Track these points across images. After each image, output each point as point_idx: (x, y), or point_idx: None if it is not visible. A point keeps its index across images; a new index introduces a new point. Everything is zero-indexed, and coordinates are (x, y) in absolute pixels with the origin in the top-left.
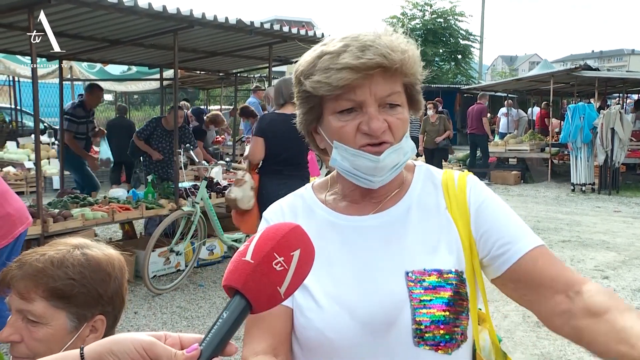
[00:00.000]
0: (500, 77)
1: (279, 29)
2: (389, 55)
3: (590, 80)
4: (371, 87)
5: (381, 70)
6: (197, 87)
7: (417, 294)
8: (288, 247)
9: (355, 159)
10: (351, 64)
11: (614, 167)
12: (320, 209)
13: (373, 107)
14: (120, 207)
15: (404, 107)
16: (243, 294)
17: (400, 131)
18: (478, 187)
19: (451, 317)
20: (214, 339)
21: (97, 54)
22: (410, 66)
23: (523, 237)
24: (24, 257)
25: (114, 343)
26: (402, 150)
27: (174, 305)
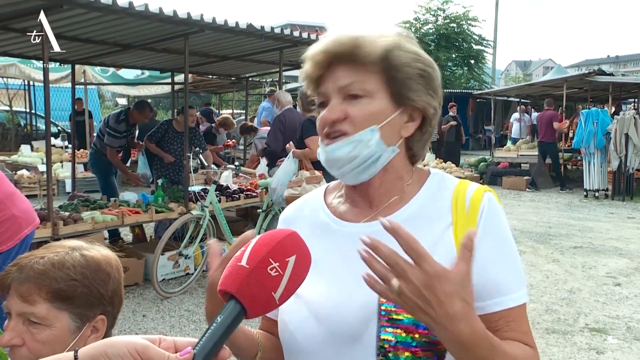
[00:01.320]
0: (514, 82)
1: (289, 34)
2: (336, 43)
3: (604, 86)
4: (333, 79)
5: (336, 59)
6: (209, 92)
7: (388, 311)
8: (283, 253)
9: (320, 151)
10: (311, 54)
11: (628, 173)
12: (323, 212)
13: (335, 98)
14: (130, 210)
15: (375, 99)
16: (238, 298)
17: (362, 122)
18: (492, 210)
19: (421, 340)
20: (207, 343)
21: (109, 58)
22: (366, 54)
23: (507, 291)
24: (22, 260)
25: (108, 346)
26: (360, 144)
27: (183, 308)
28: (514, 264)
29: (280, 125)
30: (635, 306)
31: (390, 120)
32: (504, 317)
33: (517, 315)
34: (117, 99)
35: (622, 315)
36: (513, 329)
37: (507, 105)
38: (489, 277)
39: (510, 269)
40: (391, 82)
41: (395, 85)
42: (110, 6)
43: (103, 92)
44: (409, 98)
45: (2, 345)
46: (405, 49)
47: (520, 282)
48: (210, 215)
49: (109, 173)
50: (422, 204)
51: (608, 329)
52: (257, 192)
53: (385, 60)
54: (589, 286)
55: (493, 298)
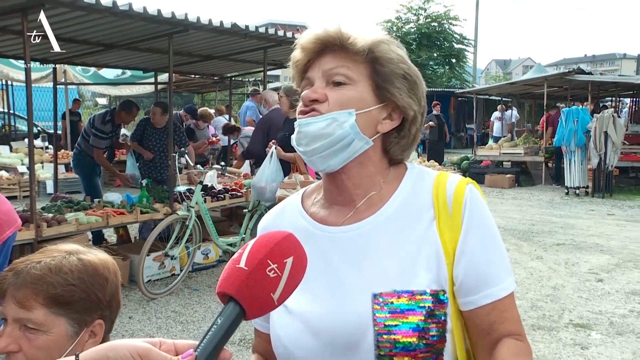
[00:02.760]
0: (494, 80)
1: (273, 33)
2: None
3: (583, 84)
4: (320, 64)
5: (331, 49)
6: (192, 91)
7: (382, 318)
8: (281, 255)
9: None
10: (301, 42)
11: (607, 170)
12: (302, 217)
13: (318, 81)
14: (115, 211)
15: (356, 86)
16: (237, 300)
17: (340, 104)
18: (475, 201)
19: (420, 342)
20: (208, 345)
21: (91, 58)
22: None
23: (495, 282)
24: (18, 265)
25: (109, 349)
26: (334, 122)
27: (169, 309)
28: (500, 254)
29: (264, 126)
30: (617, 301)
31: (369, 112)
32: (496, 308)
33: (508, 305)
34: (97, 98)
35: (605, 311)
36: (506, 319)
37: (488, 103)
38: (478, 271)
39: (497, 260)
40: (375, 75)
41: (379, 78)
42: (94, 5)
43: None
44: (391, 93)
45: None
46: (393, 47)
47: (507, 271)
48: (196, 215)
49: (93, 174)
50: (402, 202)
51: (592, 324)
52: (242, 192)
53: (371, 51)
54: (572, 282)
55: (483, 291)
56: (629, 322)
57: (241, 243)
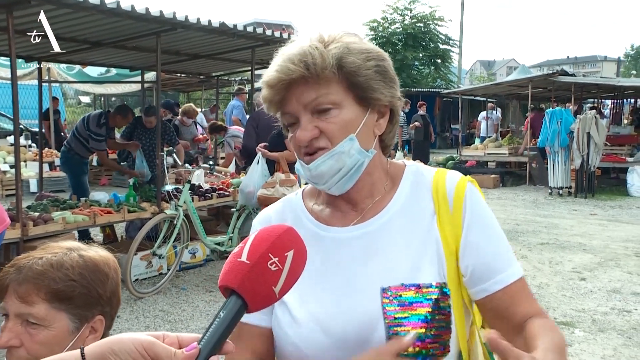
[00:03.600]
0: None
1: (262, 32)
2: (286, 68)
3: (567, 86)
4: (296, 97)
5: (300, 77)
6: (178, 90)
7: (392, 311)
8: (282, 248)
9: (301, 168)
10: (267, 81)
11: (590, 171)
12: (307, 219)
13: (305, 117)
14: (102, 210)
15: (344, 108)
16: (239, 294)
17: (337, 135)
18: (475, 198)
19: (428, 333)
20: (211, 338)
21: (77, 56)
22: (321, 68)
23: (505, 267)
24: (20, 261)
25: (114, 343)
26: (342, 155)
27: (157, 308)
28: (504, 244)
29: (253, 122)
30: (599, 299)
31: (364, 124)
32: (506, 292)
33: (520, 288)
34: (80, 97)
35: (588, 309)
36: (519, 301)
37: (473, 104)
38: (485, 260)
39: (502, 249)
40: (353, 88)
41: (358, 90)
42: (81, 3)
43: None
44: (375, 98)
45: (0, 347)
46: (355, 51)
47: (512, 258)
48: (184, 214)
49: (81, 173)
50: (404, 201)
51: (575, 322)
52: (229, 191)
53: (340, 69)
54: (556, 281)
55: (493, 277)
56: (610, 320)
57: (229, 242)
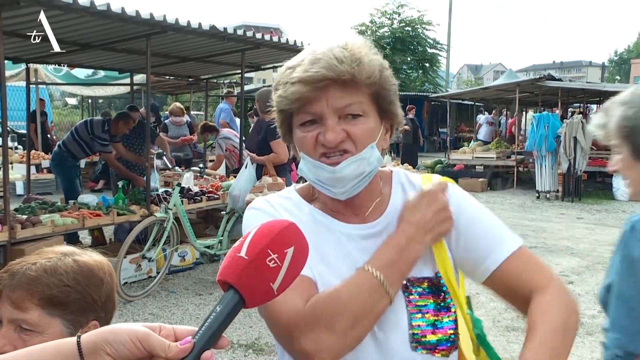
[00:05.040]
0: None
1: (251, 36)
2: (336, 67)
3: (553, 90)
4: (328, 99)
5: (333, 82)
6: (166, 92)
7: (413, 299)
8: (282, 244)
9: (316, 169)
10: (301, 78)
11: (577, 174)
12: (311, 210)
13: (331, 119)
14: (91, 213)
15: (370, 117)
16: (237, 289)
17: (363, 141)
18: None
19: (444, 320)
20: (206, 332)
21: (66, 58)
22: (366, 76)
23: (499, 244)
24: (14, 266)
25: (109, 333)
26: (364, 161)
27: (146, 312)
28: (494, 221)
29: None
30: (587, 303)
31: (380, 136)
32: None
33: (519, 260)
34: (67, 98)
35: None
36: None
37: (461, 108)
38: (478, 244)
39: (493, 226)
40: (380, 100)
41: (384, 103)
42: (71, 5)
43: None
44: (393, 113)
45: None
46: (386, 65)
47: (506, 232)
48: (174, 217)
49: (73, 175)
50: (398, 206)
51: None
52: (219, 194)
53: (380, 80)
54: None
55: (490, 256)
56: (598, 323)
57: (218, 245)
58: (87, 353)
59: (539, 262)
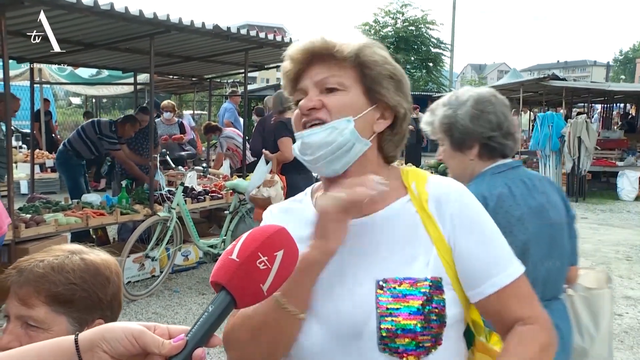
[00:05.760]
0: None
1: (255, 35)
2: (312, 43)
3: (557, 90)
4: (311, 74)
5: (314, 57)
6: (169, 92)
7: (385, 301)
8: (272, 248)
9: (297, 138)
10: (289, 54)
11: (581, 174)
12: (310, 209)
13: (312, 90)
14: (95, 212)
15: (349, 92)
16: (228, 289)
17: (338, 111)
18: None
19: (419, 325)
20: (199, 331)
21: (70, 57)
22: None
23: (503, 268)
24: (22, 263)
25: (106, 331)
26: (335, 131)
27: (150, 311)
28: (497, 245)
29: (259, 127)
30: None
31: (365, 115)
32: (500, 295)
33: (514, 290)
34: (71, 98)
35: None
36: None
37: None
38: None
39: (494, 251)
40: (364, 78)
41: (368, 81)
42: (75, 4)
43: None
44: (381, 94)
45: (0, 348)
46: (376, 50)
47: (507, 259)
48: (177, 217)
49: (78, 174)
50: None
51: None
52: (222, 193)
53: (358, 56)
54: None
55: (487, 281)
56: None
57: (222, 245)
58: (85, 350)
59: (533, 293)
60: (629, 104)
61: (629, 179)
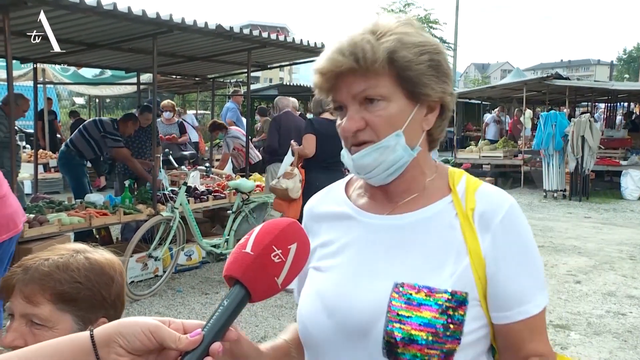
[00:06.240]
0: (473, 84)
1: (258, 35)
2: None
3: (561, 89)
4: (346, 86)
5: (350, 69)
6: (172, 92)
7: (397, 307)
8: (286, 241)
9: (346, 156)
10: (318, 68)
11: (584, 174)
12: (345, 203)
13: (352, 106)
14: (98, 212)
15: (392, 101)
16: (242, 283)
17: (383, 129)
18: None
19: (429, 338)
20: (215, 325)
21: (72, 57)
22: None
23: (533, 297)
24: (27, 262)
25: (122, 326)
26: (387, 150)
27: (153, 311)
28: (534, 273)
29: (275, 125)
30: (594, 302)
31: (412, 118)
32: (528, 325)
33: (539, 322)
34: (75, 98)
35: (583, 312)
36: (536, 337)
37: (467, 107)
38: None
39: (531, 280)
40: (403, 82)
41: (409, 84)
42: (77, 4)
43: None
44: (424, 94)
45: (5, 346)
46: (408, 45)
47: (541, 285)
48: (180, 216)
49: (80, 174)
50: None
51: (570, 324)
52: (225, 193)
53: (391, 63)
54: (552, 284)
55: (517, 307)
56: (605, 322)
57: (225, 245)
58: (101, 345)
59: (546, 329)
60: (632, 103)
61: (633, 178)
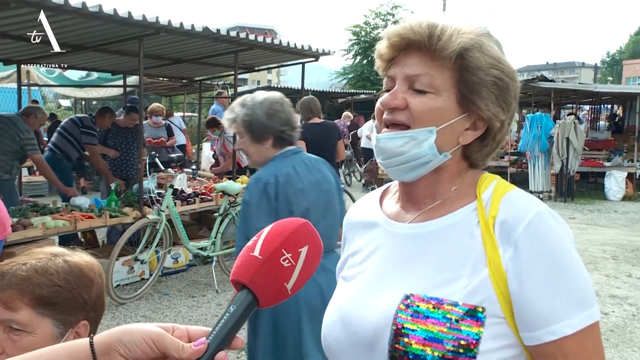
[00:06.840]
0: None
1: (245, 37)
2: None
3: (546, 91)
4: (405, 63)
5: (410, 45)
6: (160, 94)
7: (403, 319)
8: (296, 244)
9: (372, 136)
10: (388, 33)
11: (569, 175)
12: (376, 210)
13: (399, 84)
14: (83, 215)
15: (440, 97)
16: (250, 289)
17: (422, 118)
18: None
19: (435, 354)
20: (220, 333)
21: (58, 59)
22: (442, 46)
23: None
24: (3, 267)
25: (123, 333)
26: (413, 141)
27: (139, 314)
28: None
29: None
30: None
31: (451, 124)
32: (560, 347)
33: (577, 344)
34: (60, 100)
35: None
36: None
37: None
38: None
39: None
40: (461, 84)
41: (465, 88)
42: (62, 6)
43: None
44: (476, 105)
45: None
46: (485, 52)
47: (577, 304)
48: (167, 219)
49: (70, 177)
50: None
51: None
52: (212, 195)
53: (460, 58)
54: None
55: (545, 327)
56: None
57: (211, 247)
58: (101, 354)
59: (600, 351)
60: (616, 105)
61: (616, 179)
